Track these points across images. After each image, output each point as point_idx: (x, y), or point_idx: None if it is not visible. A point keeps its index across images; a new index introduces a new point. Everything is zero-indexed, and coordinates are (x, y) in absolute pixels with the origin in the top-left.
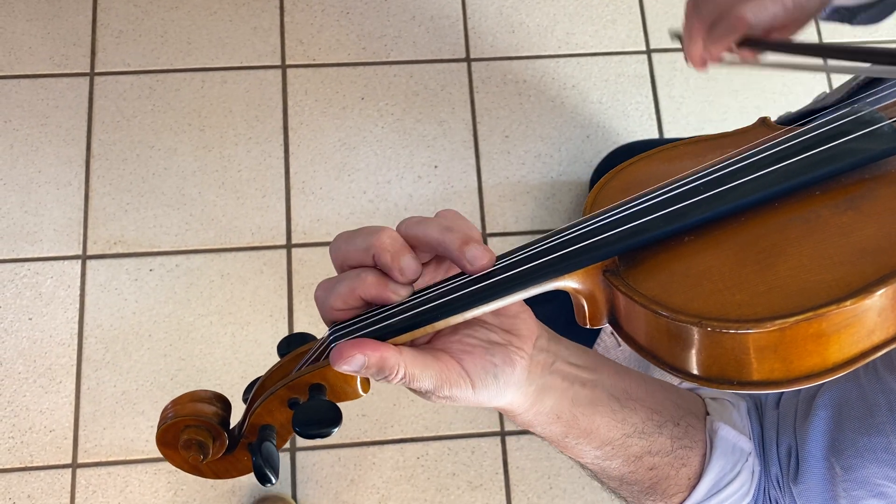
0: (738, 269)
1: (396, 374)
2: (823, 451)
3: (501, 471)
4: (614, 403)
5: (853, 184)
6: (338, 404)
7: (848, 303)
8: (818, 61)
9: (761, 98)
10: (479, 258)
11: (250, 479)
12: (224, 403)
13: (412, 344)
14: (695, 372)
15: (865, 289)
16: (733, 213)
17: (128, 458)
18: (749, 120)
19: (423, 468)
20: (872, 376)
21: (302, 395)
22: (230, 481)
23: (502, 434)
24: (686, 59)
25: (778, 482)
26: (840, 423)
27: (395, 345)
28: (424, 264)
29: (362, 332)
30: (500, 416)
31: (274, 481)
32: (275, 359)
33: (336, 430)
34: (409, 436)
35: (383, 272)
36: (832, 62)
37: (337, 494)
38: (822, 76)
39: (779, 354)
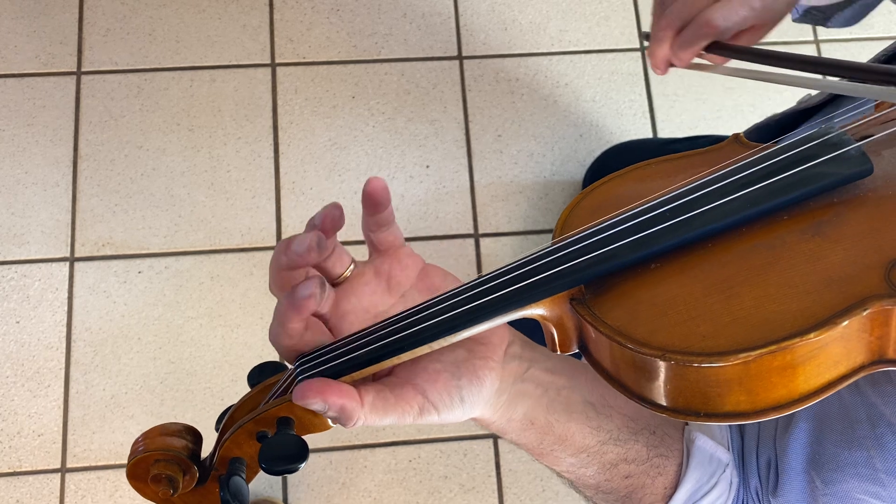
0: (703, 298)
1: (354, 424)
2: (803, 465)
3: (494, 473)
4: (590, 410)
5: (820, 208)
6: (305, 438)
7: (811, 335)
8: (784, 72)
9: (754, 96)
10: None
11: None
12: (195, 436)
13: (375, 376)
14: (661, 403)
15: (830, 320)
16: (699, 240)
17: (117, 463)
18: (743, 118)
19: (415, 471)
20: (853, 390)
21: (270, 429)
22: None
23: (495, 436)
24: (649, 59)
25: (757, 494)
26: (820, 436)
27: (360, 378)
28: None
29: (327, 366)
30: None
31: None
32: (265, 360)
33: (302, 465)
34: (400, 439)
35: (290, 292)
36: (800, 74)
37: (329, 498)
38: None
39: (744, 387)
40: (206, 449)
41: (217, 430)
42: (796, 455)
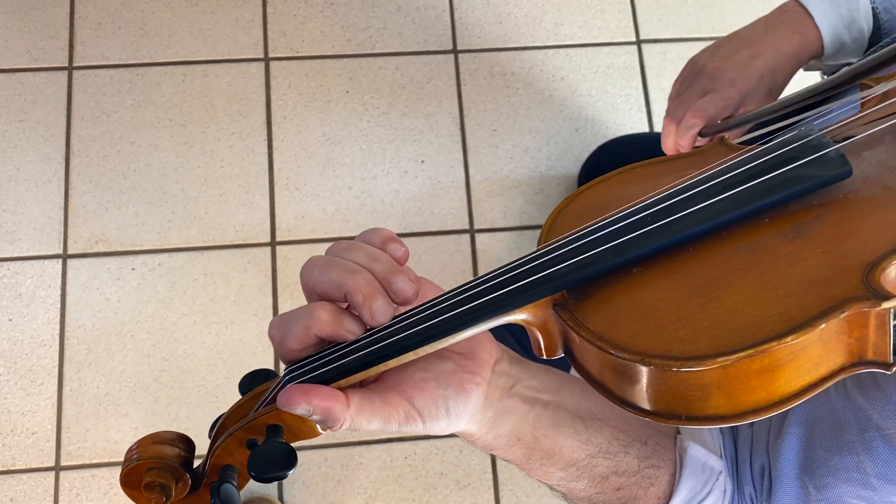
0: (683, 302)
1: (340, 426)
2: (796, 471)
3: (489, 469)
4: (578, 424)
5: (801, 210)
6: (294, 445)
7: (789, 338)
8: (785, 117)
9: None
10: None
11: None
12: (187, 444)
13: (363, 384)
14: (643, 406)
15: (808, 323)
16: (681, 244)
17: (111, 461)
18: None
19: (411, 468)
20: (842, 394)
21: (260, 436)
22: None
23: None
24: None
25: (752, 501)
26: (812, 442)
27: (348, 386)
28: None
29: (315, 373)
30: None
31: None
32: (260, 357)
33: (291, 472)
34: (396, 435)
35: (337, 308)
36: (798, 116)
37: (324, 495)
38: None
39: (723, 390)
40: (200, 456)
41: (210, 437)
42: (789, 461)
